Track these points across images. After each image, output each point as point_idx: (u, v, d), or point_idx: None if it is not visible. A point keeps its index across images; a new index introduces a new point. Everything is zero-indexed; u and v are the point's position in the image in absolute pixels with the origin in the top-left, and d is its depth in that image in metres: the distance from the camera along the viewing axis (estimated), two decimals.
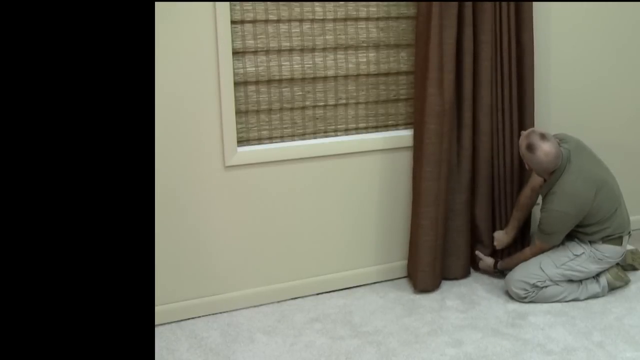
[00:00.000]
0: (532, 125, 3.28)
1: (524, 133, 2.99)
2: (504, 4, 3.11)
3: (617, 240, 3.02)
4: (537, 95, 3.36)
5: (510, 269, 3.19)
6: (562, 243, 3.08)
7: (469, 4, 3.04)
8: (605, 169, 3.05)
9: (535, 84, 3.29)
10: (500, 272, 3.29)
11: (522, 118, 3.28)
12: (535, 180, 3.19)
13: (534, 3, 3.24)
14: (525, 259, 3.13)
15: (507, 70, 3.19)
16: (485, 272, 3.37)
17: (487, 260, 3.32)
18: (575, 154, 2.97)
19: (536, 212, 3.26)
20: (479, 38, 3.10)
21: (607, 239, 3.00)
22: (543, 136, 2.91)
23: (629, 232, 3.08)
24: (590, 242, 3.01)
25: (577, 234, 3.03)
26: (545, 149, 2.88)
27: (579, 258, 3.01)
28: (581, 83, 3.56)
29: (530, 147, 2.90)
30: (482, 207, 3.30)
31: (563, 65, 3.48)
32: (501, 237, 3.31)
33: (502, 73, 3.20)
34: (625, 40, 3.62)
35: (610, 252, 3.02)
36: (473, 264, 3.40)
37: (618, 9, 3.56)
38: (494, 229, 3.36)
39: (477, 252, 3.35)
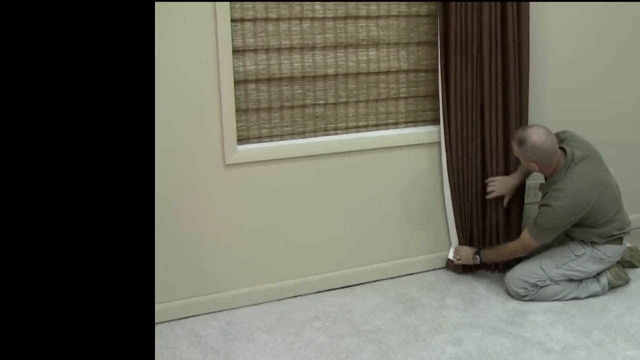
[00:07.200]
0: (527, 122, 3.28)
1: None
2: (505, 3, 3.12)
3: (618, 240, 3.02)
4: (532, 93, 3.34)
5: (489, 261, 3.22)
6: (564, 243, 3.09)
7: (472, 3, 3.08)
8: (606, 170, 3.05)
9: (530, 83, 3.28)
10: (479, 263, 3.24)
11: (519, 116, 3.28)
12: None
13: (531, 3, 3.23)
14: (507, 252, 3.12)
15: (511, 69, 3.20)
16: (462, 263, 3.30)
17: (467, 250, 3.27)
18: (583, 155, 2.96)
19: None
20: (483, 38, 3.15)
21: (609, 240, 3.00)
22: (524, 127, 2.99)
23: (629, 231, 3.09)
24: (593, 243, 3.01)
25: (581, 235, 3.02)
26: (534, 131, 2.90)
27: (580, 258, 3.01)
28: (576, 82, 3.55)
29: (522, 140, 2.91)
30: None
31: (558, 64, 3.47)
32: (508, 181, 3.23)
33: (504, 72, 3.20)
34: (621, 38, 3.62)
35: (611, 252, 3.02)
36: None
37: (614, 8, 3.55)
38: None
39: (456, 246, 3.31)
